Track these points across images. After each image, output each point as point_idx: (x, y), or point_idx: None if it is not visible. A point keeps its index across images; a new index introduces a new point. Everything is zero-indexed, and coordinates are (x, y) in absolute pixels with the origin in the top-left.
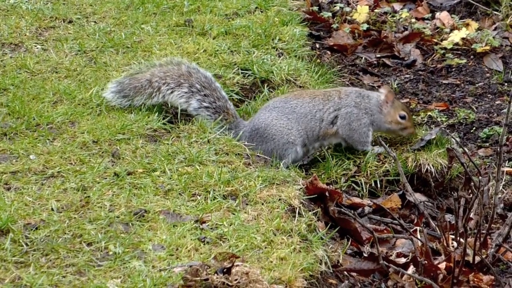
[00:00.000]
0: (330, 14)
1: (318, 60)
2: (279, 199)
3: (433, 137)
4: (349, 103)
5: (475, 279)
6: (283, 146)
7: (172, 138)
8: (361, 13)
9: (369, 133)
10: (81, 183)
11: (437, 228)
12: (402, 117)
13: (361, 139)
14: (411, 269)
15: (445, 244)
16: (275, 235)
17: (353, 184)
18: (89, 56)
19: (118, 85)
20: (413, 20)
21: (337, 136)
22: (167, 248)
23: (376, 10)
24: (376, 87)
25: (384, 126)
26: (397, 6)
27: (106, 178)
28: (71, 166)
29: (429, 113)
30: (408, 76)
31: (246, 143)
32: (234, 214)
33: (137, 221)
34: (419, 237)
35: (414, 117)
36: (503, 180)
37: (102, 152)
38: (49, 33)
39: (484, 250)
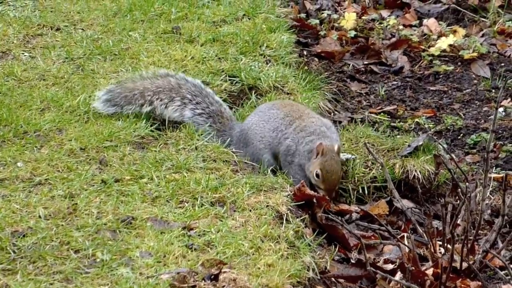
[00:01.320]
0: (317, 21)
1: (306, 67)
2: (267, 206)
3: (420, 143)
4: (294, 138)
5: (463, 285)
6: (260, 151)
7: (159, 145)
8: (349, 20)
9: (302, 173)
10: (69, 190)
11: (424, 234)
12: (316, 175)
13: (294, 175)
14: (398, 275)
15: (432, 250)
16: (262, 241)
17: (340, 191)
18: (76, 64)
19: (108, 94)
20: (401, 27)
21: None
22: (154, 255)
23: (363, 17)
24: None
25: (308, 173)
26: (384, 13)
27: (93, 185)
28: (59, 173)
29: (416, 119)
30: (395, 83)
31: (233, 149)
32: (221, 220)
33: (125, 228)
34: (406, 243)
35: (401, 123)
36: (490, 186)
37: (90, 159)
38: (37, 41)
39: (471, 256)
